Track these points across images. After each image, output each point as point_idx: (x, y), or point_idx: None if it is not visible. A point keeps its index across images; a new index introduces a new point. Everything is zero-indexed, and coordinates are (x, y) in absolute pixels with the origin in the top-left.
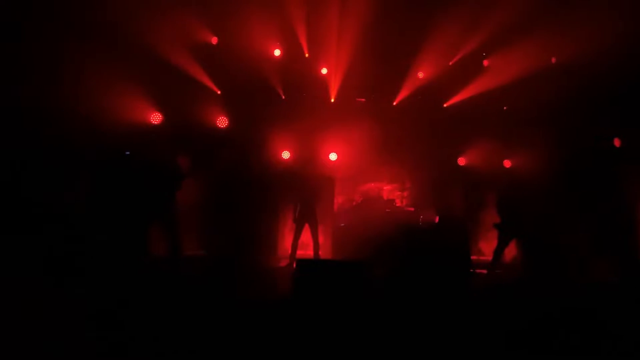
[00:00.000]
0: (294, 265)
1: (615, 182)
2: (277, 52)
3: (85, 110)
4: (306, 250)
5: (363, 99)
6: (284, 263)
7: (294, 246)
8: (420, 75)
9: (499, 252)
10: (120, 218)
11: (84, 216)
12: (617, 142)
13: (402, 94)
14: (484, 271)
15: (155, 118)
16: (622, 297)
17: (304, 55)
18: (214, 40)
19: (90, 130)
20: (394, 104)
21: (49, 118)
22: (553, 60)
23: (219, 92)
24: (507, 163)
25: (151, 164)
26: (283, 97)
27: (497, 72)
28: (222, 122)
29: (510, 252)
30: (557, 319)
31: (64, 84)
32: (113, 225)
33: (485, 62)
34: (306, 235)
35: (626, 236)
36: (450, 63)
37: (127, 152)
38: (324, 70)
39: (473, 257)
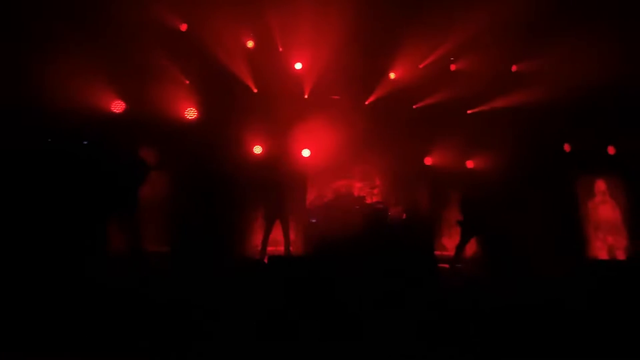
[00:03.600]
0: (265, 260)
1: (566, 184)
2: (249, 44)
3: (41, 96)
4: (277, 247)
5: (337, 97)
6: (254, 259)
7: (264, 243)
8: (392, 76)
9: (460, 247)
10: (77, 211)
11: (39, 210)
12: (567, 147)
13: (375, 94)
14: (447, 265)
15: (117, 106)
16: (575, 291)
17: (278, 49)
18: (183, 26)
19: (46, 117)
20: (367, 103)
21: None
22: (513, 68)
23: (187, 82)
24: (469, 164)
25: (111, 155)
26: (255, 90)
27: (462, 77)
28: (191, 113)
29: (471, 248)
30: (512, 312)
31: (17, 68)
32: (70, 219)
33: (453, 67)
34: (277, 232)
35: (576, 234)
36: (421, 66)
37: (85, 142)
38: (298, 66)
39: (437, 252)
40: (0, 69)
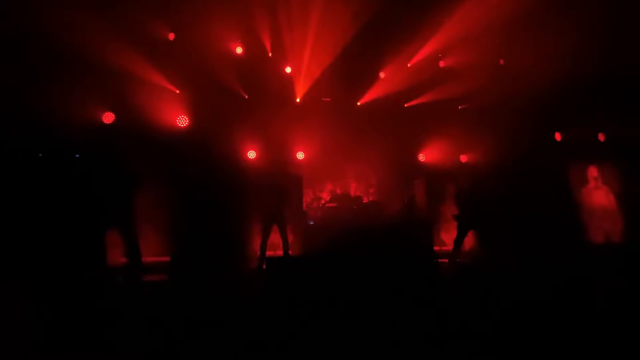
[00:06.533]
0: (264, 266)
1: (559, 172)
2: (238, 50)
3: (32, 109)
4: (276, 251)
5: (328, 99)
6: (253, 264)
7: (263, 247)
8: (382, 75)
9: (458, 242)
10: (72, 225)
11: (33, 224)
12: (557, 137)
13: (366, 94)
14: (446, 260)
15: (108, 117)
16: (571, 284)
17: (267, 53)
18: (171, 36)
19: (36, 130)
20: (359, 103)
21: None
22: (501, 61)
23: (177, 91)
24: (463, 158)
25: (104, 166)
26: (246, 96)
27: (451, 73)
28: (182, 121)
29: (469, 241)
30: (515, 305)
31: (8, 82)
32: (65, 232)
33: (442, 63)
34: (275, 236)
35: (571, 221)
36: (409, 64)
37: (77, 155)
38: (288, 69)
39: (435, 248)
40: None
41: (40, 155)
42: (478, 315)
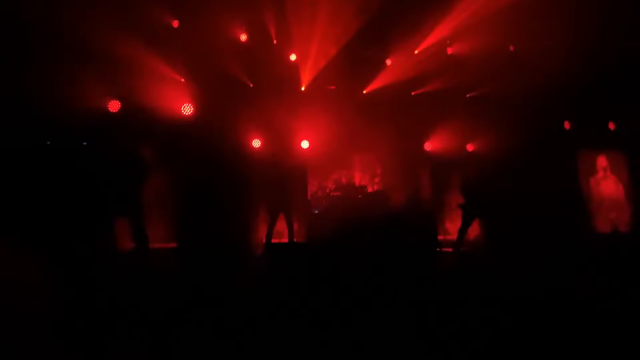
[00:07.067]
0: (268, 253)
1: (567, 161)
2: (243, 37)
3: (38, 98)
4: (281, 238)
5: (334, 87)
6: (258, 252)
7: (269, 235)
8: (388, 63)
9: (463, 231)
10: (81, 212)
11: (42, 212)
12: (567, 125)
13: (373, 82)
14: (450, 249)
15: (114, 106)
16: (577, 275)
17: (272, 41)
18: (175, 23)
19: (43, 118)
20: (365, 92)
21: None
22: (511, 48)
23: (182, 80)
24: (469, 147)
25: (111, 155)
26: (250, 84)
27: (459, 60)
28: (187, 109)
29: (474, 230)
30: (517, 295)
31: (15, 73)
32: (74, 220)
33: (449, 50)
34: (281, 224)
35: (579, 210)
36: (416, 51)
37: (84, 143)
38: (293, 57)
39: (440, 237)
40: None
41: (48, 143)
42: (481, 312)
